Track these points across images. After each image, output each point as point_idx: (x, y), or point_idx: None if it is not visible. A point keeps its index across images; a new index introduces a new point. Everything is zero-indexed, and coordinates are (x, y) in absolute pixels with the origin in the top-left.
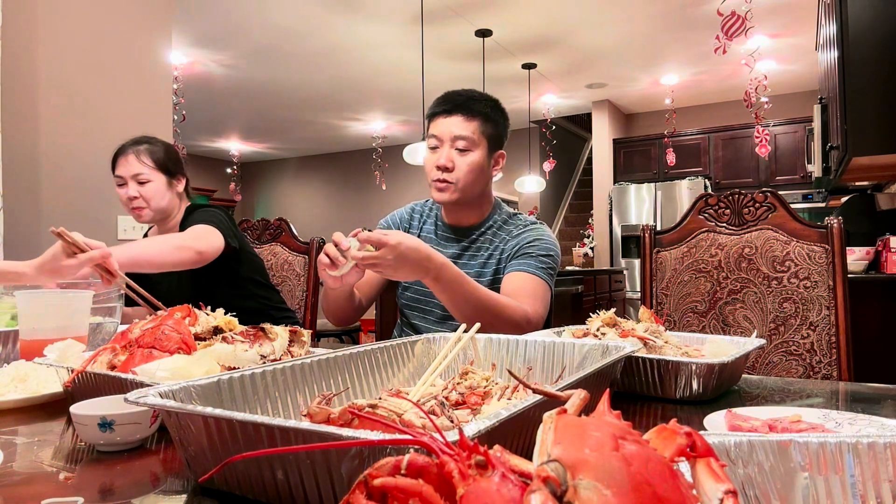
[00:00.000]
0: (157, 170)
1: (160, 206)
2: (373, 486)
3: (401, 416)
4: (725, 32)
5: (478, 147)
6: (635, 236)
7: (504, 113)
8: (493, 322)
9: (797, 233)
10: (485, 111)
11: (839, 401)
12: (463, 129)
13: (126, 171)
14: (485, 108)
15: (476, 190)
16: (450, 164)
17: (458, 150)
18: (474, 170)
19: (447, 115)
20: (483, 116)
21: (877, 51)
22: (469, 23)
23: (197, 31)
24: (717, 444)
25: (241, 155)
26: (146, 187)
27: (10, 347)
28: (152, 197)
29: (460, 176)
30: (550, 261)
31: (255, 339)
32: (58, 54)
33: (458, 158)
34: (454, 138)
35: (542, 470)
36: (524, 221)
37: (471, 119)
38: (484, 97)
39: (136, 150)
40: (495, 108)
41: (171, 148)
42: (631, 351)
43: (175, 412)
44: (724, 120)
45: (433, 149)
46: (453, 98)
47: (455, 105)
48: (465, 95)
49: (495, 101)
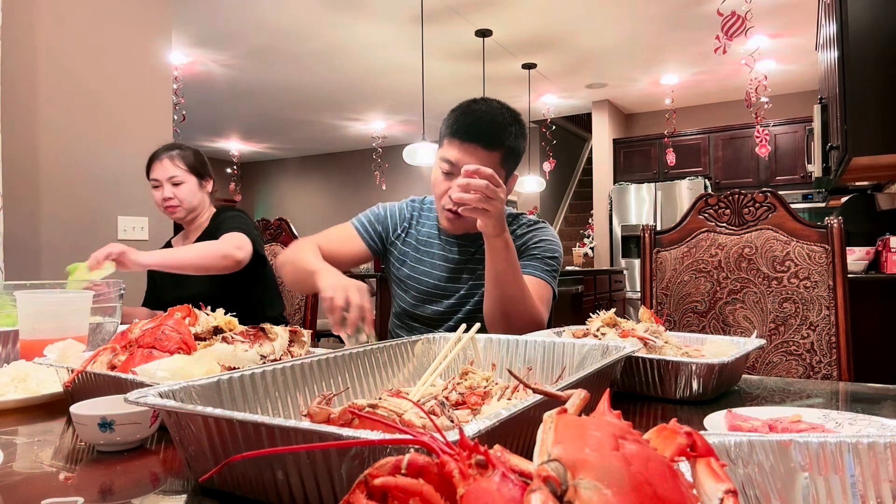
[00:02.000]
0: (189, 172)
1: (192, 206)
2: (373, 486)
3: (401, 416)
4: (725, 32)
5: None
6: (635, 236)
7: (525, 131)
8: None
9: (797, 233)
10: (509, 142)
11: (839, 401)
12: (484, 164)
13: (162, 174)
14: (510, 137)
15: None
16: None
17: None
18: None
19: (467, 142)
20: (507, 148)
21: (877, 51)
22: (469, 23)
23: (197, 31)
24: (717, 444)
25: (241, 155)
26: (180, 188)
27: (10, 347)
28: (185, 197)
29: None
30: (555, 262)
31: (255, 339)
32: (58, 54)
33: None
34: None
35: (543, 469)
36: (528, 221)
37: (493, 151)
38: (510, 122)
39: (169, 155)
40: (519, 134)
41: (198, 153)
42: (631, 351)
43: (175, 412)
44: (724, 120)
45: (446, 174)
46: (478, 125)
47: (479, 135)
48: (490, 122)
49: (520, 125)
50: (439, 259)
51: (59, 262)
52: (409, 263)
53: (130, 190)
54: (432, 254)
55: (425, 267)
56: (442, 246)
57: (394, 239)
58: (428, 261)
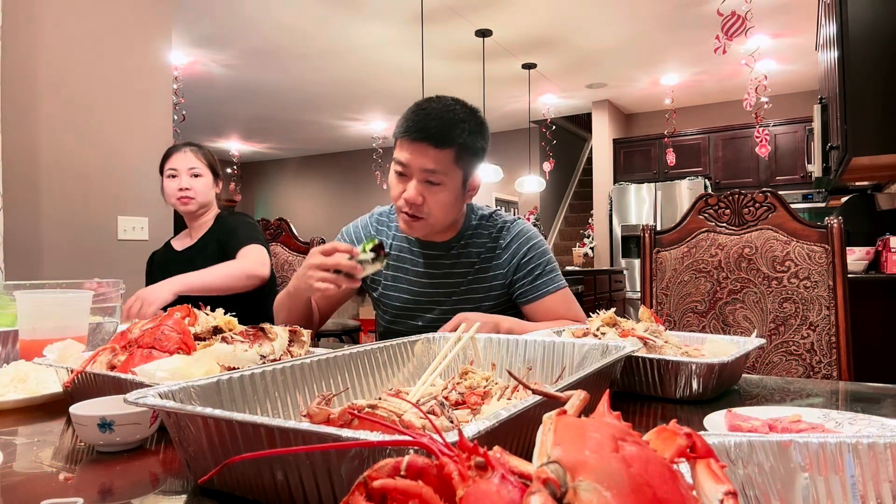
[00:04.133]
0: (207, 168)
1: (206, 200)
2: (372, 488)
3: (400, 416)
4: (725, 32)
5: (451, 180)
6: (635, 236)
7: (483, 127)
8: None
9: (797, 233)
10: (461, 139)
11: (839, 401)
12: (434, 162)
13: (182, 164)
14: (462, 133)
15: (448, 219)
16: (419, 200)
17: (429, 183)
18: (446, 206)
19: (417, 141)
20: (459, 146)
21: (877, 51)
22: (469, 23)
23: (197, 31)
24: (717, 444)
25: (241, 155)
26: (198, 181)
27: (10, 347)
28: (201, 190)
29: (431, 212)
30: (554, 261)
31: (255, 339)
32: (58, 54)
33: (427, 192)
34: (424, 171)
35: (542, 471)
36: (503, 220)
37: (444, 149)
38: (464, 118)
39: (191, 148)
40: (474, 130)
41: (212, 153)
42: (631, 351)
43: (175, 412)
44: (724, 120)
45: (399, 175)
46: (426, 122)
47: (427, 133)
48: (440, 119)
49: (476, 121)
50: (412, 274)
51: (59, 262)
52: (384, 282)
53: (130, 190)
54: (405, 269)
55: (401, 283)
56: (413, 261)
57: None
58: (403, 276)
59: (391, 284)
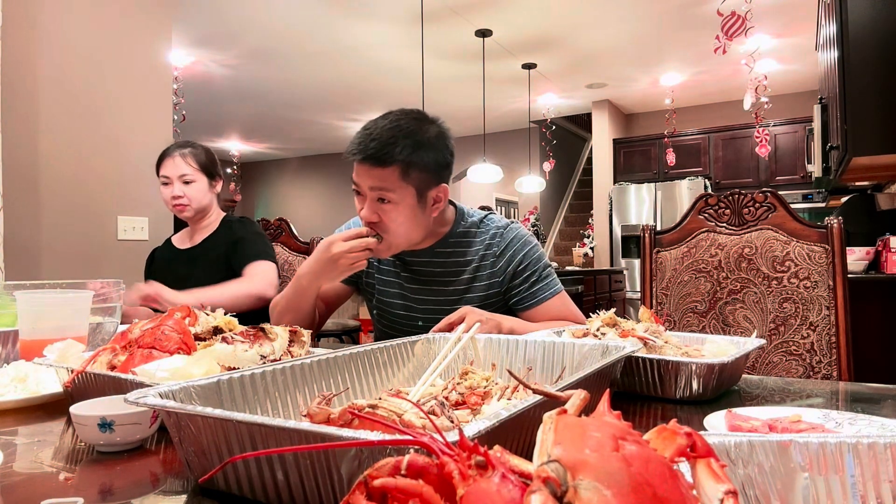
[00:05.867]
0: (200, 171)
1: (201, 205)
2: (373, 487)
3: (401, 416)
4: (725, 32)
5: (403, 196)
6: (635, 236)
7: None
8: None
9: (797, 233)
10: (402, 156)
11: (839, 401)
12: (379, 181)
13: (173, 172)
14: (403, 151)
15: (413, 237)
16: (374, 218)
17: (381, 201)
18: (404, 222)
19: (361, 162)
20: (400, 163)
21: (877, 51)
22: (469, 23)
23: (197, 31)
24: (717, 444)
25: (241, 155)
26: (190, 187)
27: (10, 347)
28: (195, 196)
29: (390, 229)
30: (549, 265)
31: (255, 340)
32: (58, 54)
33: (382, 211)
34: (372, 189)
35: (543, 470)
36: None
37: (387, 167)
38: (408, 134)
39: (181, 153)
40: (421, 144)
41: (210, 152)
42: (631, 351)
43: (175, 412)
44: (724, 120)
45: (357, 193)
46: (366, 143)
47: (367, 155)
48: (378, 139)
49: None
50: (402, 279)
51: (59, 263)
52: (378, 287)
53: (130, 190)
54: (395, 273)
55: (392, 288)
56: (401, 266)
57: None
58: (394, 281)
59: (384, 290)
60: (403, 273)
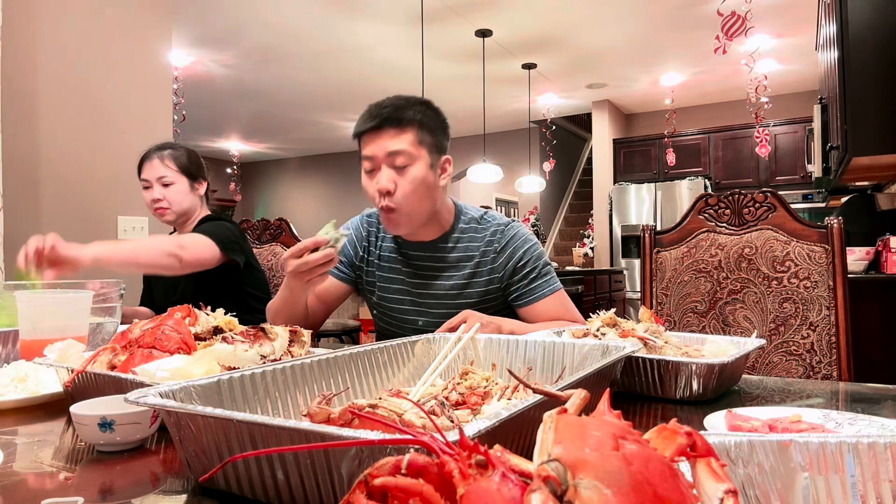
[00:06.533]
0: (181, 173)
1: (182, 208)
2: (373, 486)
3: (401, 416)
4: (725, 32)
5: (418, 159)
6: (635, 236)
7: (440, 114)
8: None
9: (797, 233)
10: (417, 117)
11: (839, 401)
12: (397, 143)
13: (151, 175)
14: (416, 114)
15: (426, 207)
16: (391, 186)
17: (397, 168)
18: (418, 187)
19: (376, 131)
20: (417, 124)
21: (877, 51)
22: (469, 23)
23: (197, 31)
24: (718, 444)
25: (241, 155)
26: (169, 189)
27: (10, 347)
28: (175, 199)
29: (403, 198)
30: (549, 264)
31: (255, 339)
32: (58, 54)
33: (398, 178)
34: (389, 155)
35: (543, 469)
36: (497, 222)
37: (403, 130)
38: (413, 102)
39: (160, 155)
40: (428, 112)
41: (193, 153)
42: (631, 351)
43: (175, 412)
44: (724, 120)
45: (369, 172)
46: (379, 111)
47: (383, 118)
48: (391, 105)
49: (427, 103)
50: (403, 275)
51: None
52: (378, 284)
53: (130, 190)
54: (397, 269)
55: (394, 284)
56: (403, 261)
57: (359, 263)
58: (395, 277)
59: (386, 286)
60: (405, 268)
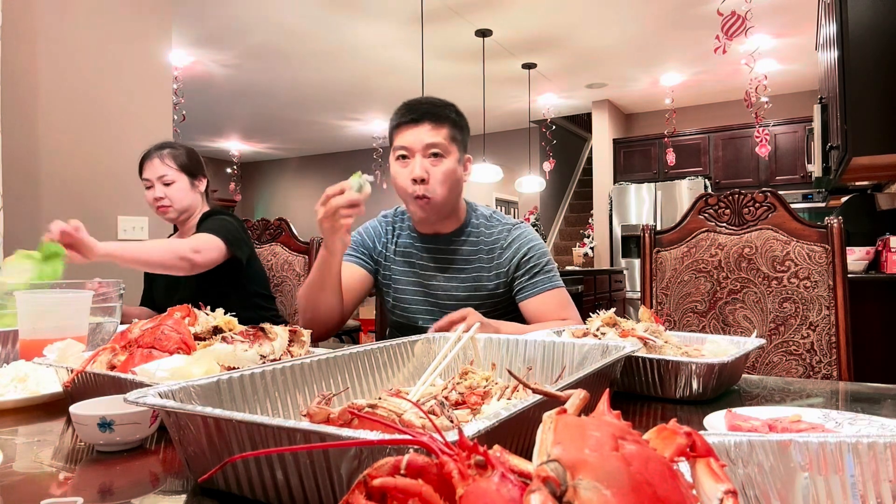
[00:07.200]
0: (181, 171)
1: (184, 206)
2: (372, 487)
3: (400, 416)
4: (725, 32)
5: (450, 153)
6: (635, 236)
7: (465, 117)
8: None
9: (797, 233)
10: (452, 116)
11: (839, 401)
12: (434, 137)
13: (152, 174)
14: (451, 113)
15: (453, 198)
16: (425, 175)
17: (431, 158)
18: (450, 177)
19: (415, 124)
20: (451, 122)
21: (877, 51)
22: (469, 23)
23: (197, 31)
24: (717, 444)
25: (241, 155)
26: (171, 188)
27: (10, 347)
28: (176, 197)
29: (436, 186)
30: (552, 263)
31: (255, 339)
32: (58, 55)
33: (431, 168)
34: (426, 147)
35: (542, 470)
36: (504, 222)
37: (440, 126)
38: (447, 103)
39: (160, 154)
40: (459, 113)
41: (192, 151)
42: (631, 351)
43: (175, 412)
44: (724, 120)
45: (403, 160)
46: (418, 106)
47: (423, 113)
48: (430, 102)
49: (456, 107)
50: (419, 268)
51: None
52: (395, 277)
53: (130, 190)
54: (412, 263)
55: (411, 277)
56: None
57: (377, 258)
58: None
59: (400, 279)
60: (419, 261)
